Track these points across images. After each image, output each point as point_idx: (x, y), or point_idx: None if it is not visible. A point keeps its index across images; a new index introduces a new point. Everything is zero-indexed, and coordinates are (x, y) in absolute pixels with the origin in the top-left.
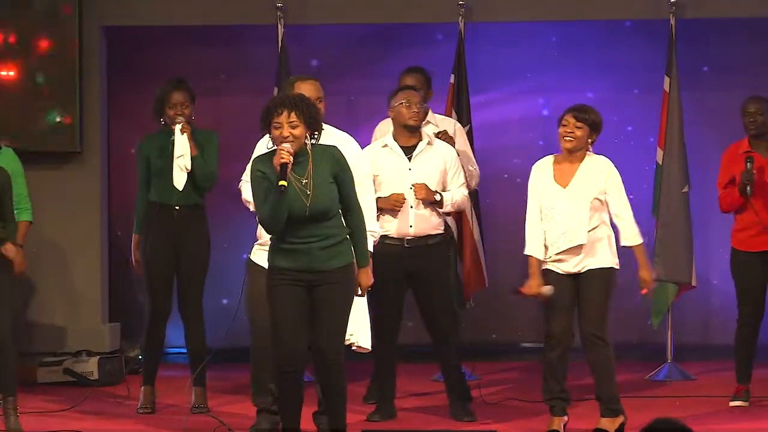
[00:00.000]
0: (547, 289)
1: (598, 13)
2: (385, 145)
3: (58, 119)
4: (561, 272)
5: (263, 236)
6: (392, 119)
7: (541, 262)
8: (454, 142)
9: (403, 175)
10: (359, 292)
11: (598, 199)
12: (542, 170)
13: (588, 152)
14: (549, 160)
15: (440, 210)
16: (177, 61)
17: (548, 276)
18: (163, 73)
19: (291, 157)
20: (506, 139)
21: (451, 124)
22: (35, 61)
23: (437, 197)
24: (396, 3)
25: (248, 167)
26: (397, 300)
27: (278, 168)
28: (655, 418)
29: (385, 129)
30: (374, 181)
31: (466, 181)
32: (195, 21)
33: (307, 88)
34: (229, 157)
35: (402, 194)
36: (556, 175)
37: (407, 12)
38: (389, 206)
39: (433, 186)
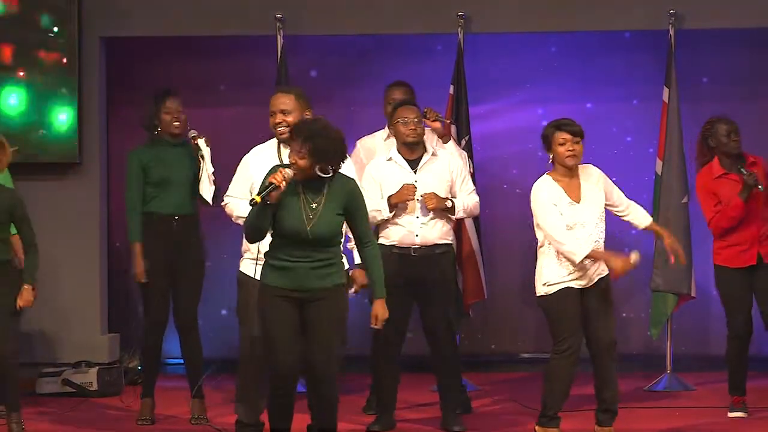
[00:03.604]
0: (635, 257)
1: (598, 23)
2: (390, 159)
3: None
4: (577, 287)
5: (249, 247)
6: (393, 135)
7: (594, 252)
8: (444, 123)
9: None
10: (374, 323)
11: (604, 206)
12: (551, 188)
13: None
14: (549, 178)
15: (452, 217)
16: (176, 72)
17: (569, 293)
18: (163, 84)
19: (284, 184)
20: (505, 150)
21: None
22: (34, 71)
23: (448, 204)
24: (395, 14)
25: (232, 184)
26: (399, 308)
27: (268, 183)
28: None
29: (369, 144)
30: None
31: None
32: (194, 32)
33: (282, 101)
34: (228, 169)
35: (412, 184)
36: (567, 191)
37: (407, 23)
38: (402, 199)
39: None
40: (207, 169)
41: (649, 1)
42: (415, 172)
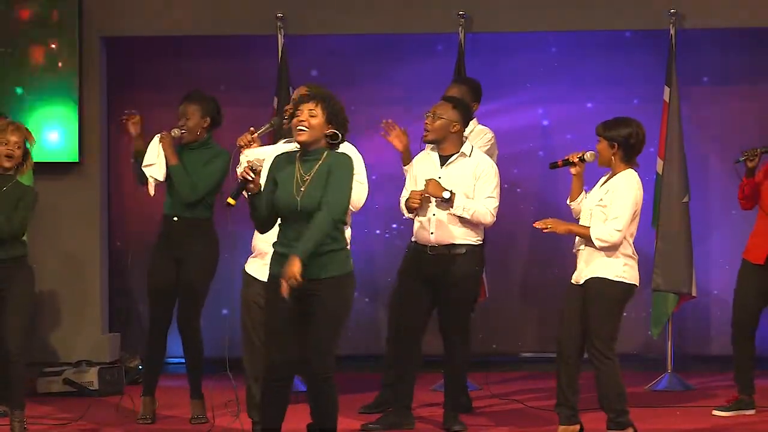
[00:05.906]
0: (590, 155)
1: (598, 23)
2: (429, 153)
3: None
4: (573, 282)
5: (256, 248)
6: None
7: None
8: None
9: None
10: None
11: (602, 211)
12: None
13: (627, 168)
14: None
15: (452, 212)
16: (176, 71)
17: (568, 287)
18: (163, 84)
19: (252, 175)
20: (506, 149)
21: (481, 134)
22: (35, 71)
23: (445, 195)
24: (396, 14)
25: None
26: (417, 298)
27: (238, 180)
28: None
29: None
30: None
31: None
32: (195, 31)
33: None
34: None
35: (419, 191)
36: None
37: (408, 23)
38: (410, 204)
39: (462, 196)
40: (143, 163)
41: (649, 1)
42: (442, 168)
